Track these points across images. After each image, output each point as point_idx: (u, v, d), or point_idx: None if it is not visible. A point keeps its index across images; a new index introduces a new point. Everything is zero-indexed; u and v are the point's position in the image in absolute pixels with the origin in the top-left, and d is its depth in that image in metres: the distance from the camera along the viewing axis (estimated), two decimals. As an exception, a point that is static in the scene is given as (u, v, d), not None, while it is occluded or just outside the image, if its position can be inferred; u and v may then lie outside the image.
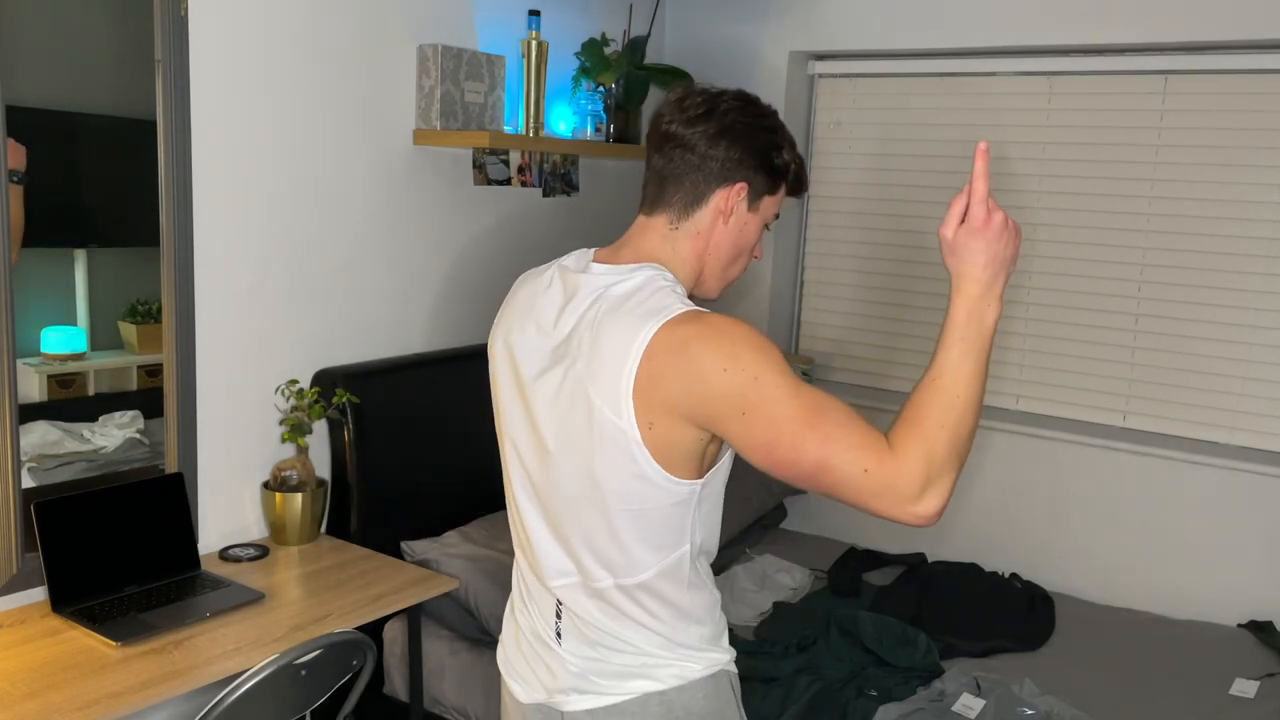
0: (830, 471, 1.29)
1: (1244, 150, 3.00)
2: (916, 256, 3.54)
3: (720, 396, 1.31)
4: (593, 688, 1.49)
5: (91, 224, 2.30)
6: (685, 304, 1.39)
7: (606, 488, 1.39)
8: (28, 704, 1.80)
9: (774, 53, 3.58)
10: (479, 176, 3.12)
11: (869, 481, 1.27)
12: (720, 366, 1.31)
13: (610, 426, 1.35)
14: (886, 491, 1.27)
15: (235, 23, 2.44)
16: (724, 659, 1.53)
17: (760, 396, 1.30)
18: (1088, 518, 3.23)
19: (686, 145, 1.44)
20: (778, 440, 1.30)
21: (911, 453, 1.28)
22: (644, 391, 1.33)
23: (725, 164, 1.44)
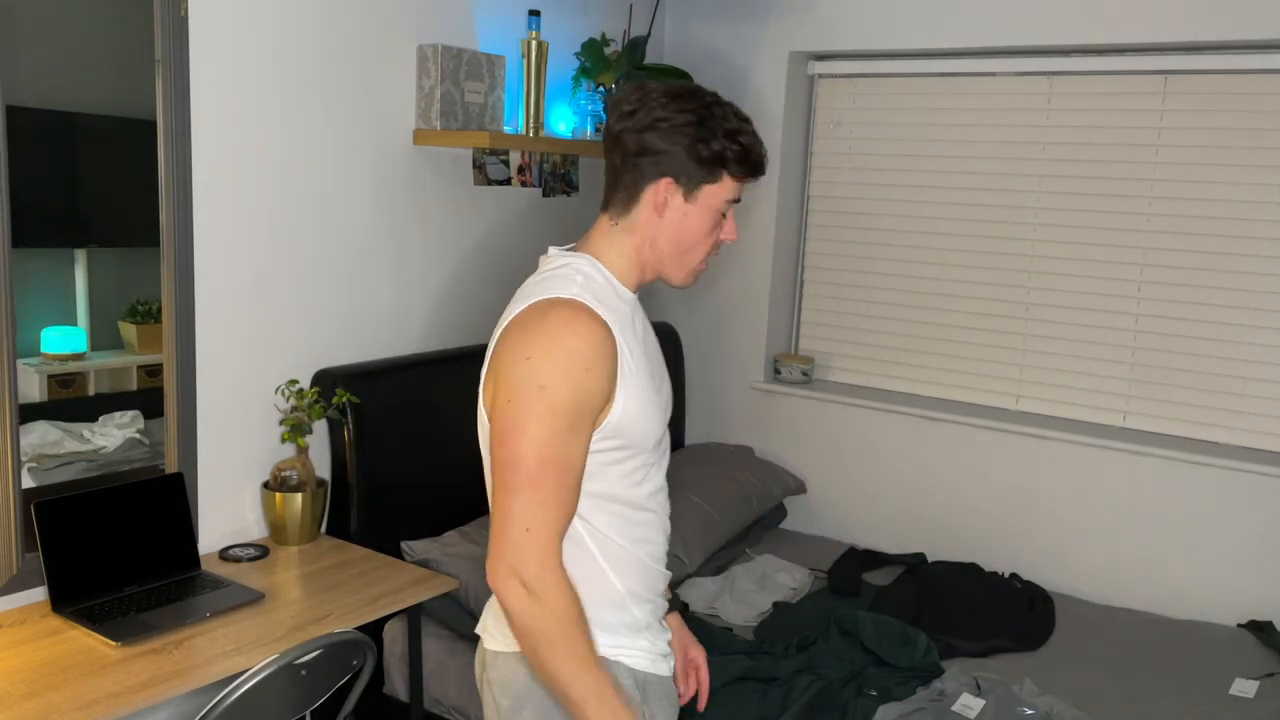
0: (510, 485, 1.39)
1: (1244, 150, 3.00)
2: (916, 256, 3.54)
3: (511, 377, 1.41)
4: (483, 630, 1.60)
5: (91, 224, 2.30)
6: (567, 293, 1.44)
7: (484, 454, 1.52)
8: (28, 704, 1.80)
9: (774, 53, 3.58)
10: (479, 176, 3.12)
11: (514, 533, 1.38)
12: (525, 354, 1.40)
13: (481, 399, 1.50)
14: (506, 549, 1.38)
15: (235, 23, 2.44)
16: (622, 650, 1.55)
17: (532, 403, 1.38)
18: (1088, 518, 3.24)
19: (621, 144, 1.49)
20: (503, 438, 1.40)
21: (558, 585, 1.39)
22: (492, 363, 1.47)
23: (652, 161, 1.47)
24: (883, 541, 3.54)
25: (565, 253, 1.53)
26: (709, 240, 1.53)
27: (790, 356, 3.73)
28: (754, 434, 3.80)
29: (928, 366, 3.57)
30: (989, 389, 3.47)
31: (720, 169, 1.48)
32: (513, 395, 1.39)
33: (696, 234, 1.51)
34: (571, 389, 1.38)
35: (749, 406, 3.80)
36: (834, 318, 3.76)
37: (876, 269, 3.64)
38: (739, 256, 3.74)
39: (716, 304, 3.82)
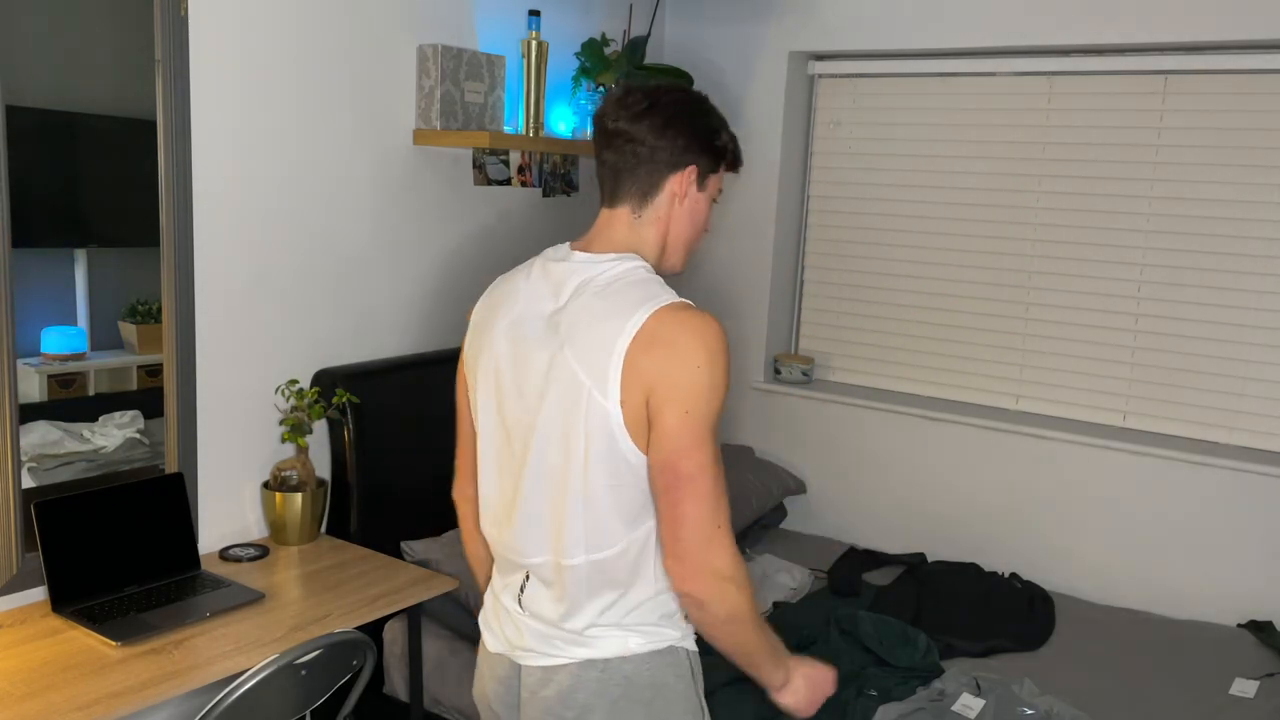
0: (695, 495, 1.45)
1: (1244, 150, 2.99)
2: (916, 256, 3.54)
3: (684, 387, 1.44)
4: (547, 649, 1.59)
5: (91, 224, 2.30)
6: (671, 294, 1.50)
7: (591, 463, 1.49)
8: (28, 704, 1.80)
9: (774, 53, 3.58)
10: (479, 176, 3.12)
11: (708, 533, 1.46)
12: (696, 364, 1.44)
13: (596, 405, 1.46)
14: (705, 552, 1.46)
15: (235, 23, 2.44)
16: (675, 635, 1.60)
17: (708, 412, 1.45)
18: (1088, 518, 3.24)
19: (635, 139, 1.54)
20: (680, 443, 1.44)
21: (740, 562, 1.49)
22: (628, 371, 1.44)
23: (674, 151, 1.55)
24: (883, 541, 3.54)
25: (612, 256, 1.55)
26: (703, 226, 1.64)
27: (790, 356, 3.73)
28: (754, 434, 3.80)
29: (928, 366, 3.57)
30: (989, 389, 3.47)
31: (722, 161, 1.61)
32: (690, 406, 1.44)
33: (701, 220, 1.62)
34: (725, 391, 1.48)
35: (749, 406, 3.80)
36: (834, 318, 3.76)
37: (876, 269, 3.64)
38: (739, 256, 3.74)
39: (716, 304, 3.82)
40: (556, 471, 1.53)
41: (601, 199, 1.60)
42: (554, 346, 1.50)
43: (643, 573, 1.56)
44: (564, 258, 1.57)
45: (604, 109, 1.56)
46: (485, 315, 1.64)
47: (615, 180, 1.57)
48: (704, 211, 1.62)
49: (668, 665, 1.60)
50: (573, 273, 1.54)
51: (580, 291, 1.51)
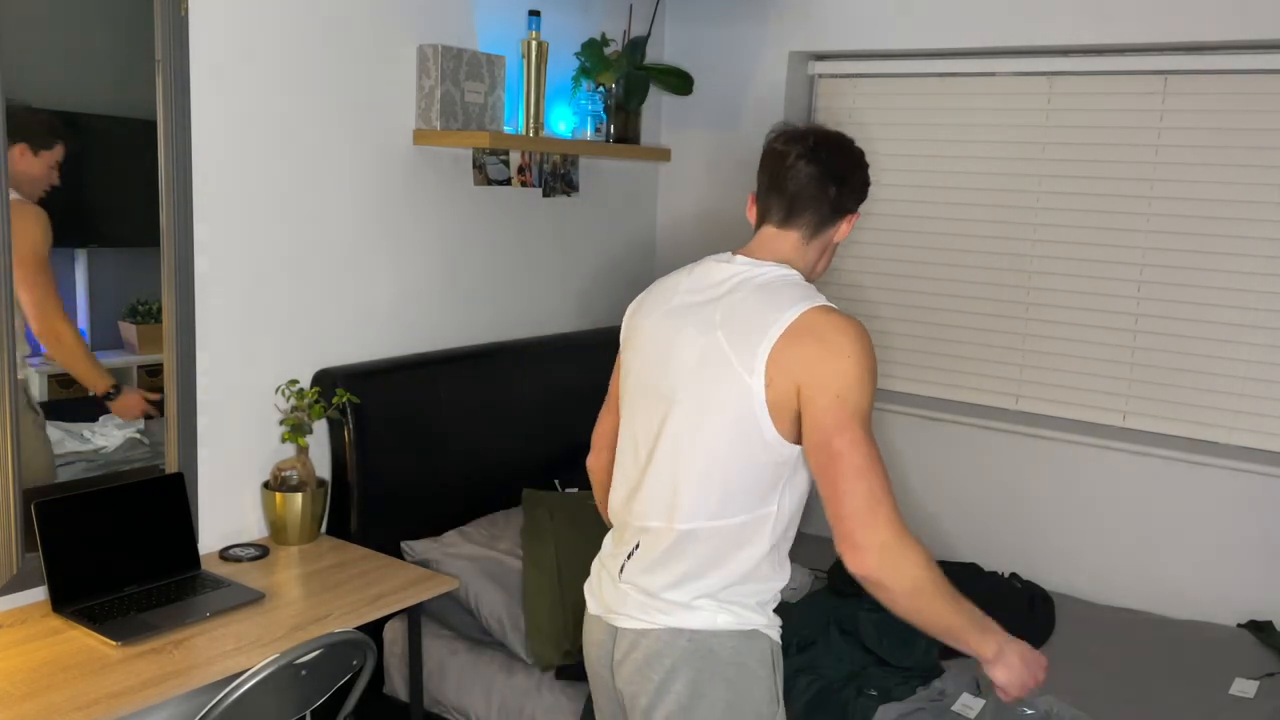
0: (849, 473, 1.60)
1: (1244, 150, 2.99)
2: (916, 256, 3.54)
3: (834, 374, 1.59)
4: (640, 614, 1.72)
5: (91, 224, 2.30)
6: (824, 299, 1.68)
7: (725, 435, 1.64)
8: (28, 704, 1.80)
9: (774, 53, 3.58)
10: (479, 176, 3.12)
11: (869, 507, 1.59)
12: (845, 354, 1.60)
13: (741, 383, 1.62)
14: (863, 528, 1.59)
15: (235, 23, 2.44)
16: (761, 621, 1.73)
17: (860, 397, 1.61)
18: (1088, 518, 3.24)
19: (820, 179, 1.76)
20: (831, 421, 1.59)
21: (908, 537, 1.61)
22: (777, 357, 1.60)
23: (851, 198, 1.81)
24: (883, 541, 3.54)
25: (768, 261, 1.75)
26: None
27: (790, 356, 3.73)
28: (754, 434, 3.79)
29: (928, 366, 3.57)
30: (989, 389, 3.47)
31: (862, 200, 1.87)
32: (840, 391, 1.60)
33: (837, 251, 1.90)
34: (874, 386, 1.65)
35: (749, 406, 3.80)
36: (834, 318, 3.75)
37: (876, 269, 3.64)
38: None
39: (716, 304, 3.82)
40: (690, 441, 1.67)
41: (766, 217, 1.79)
42: (709, 331, 1.67)
43: (749, 554, 1.69)
44: (728, 260, 1.76)
45: (788, 142, 1.80)
46: (643, 304, 1.84)
47: (792, 207, 1.76)
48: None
49: (751, 648, 1.71)
50: (736, 272, 1.73)
51: (740, 287, 1.70)
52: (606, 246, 3.69)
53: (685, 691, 1.69)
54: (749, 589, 1.71)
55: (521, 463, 3.16)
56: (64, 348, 2.22)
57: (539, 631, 2.52)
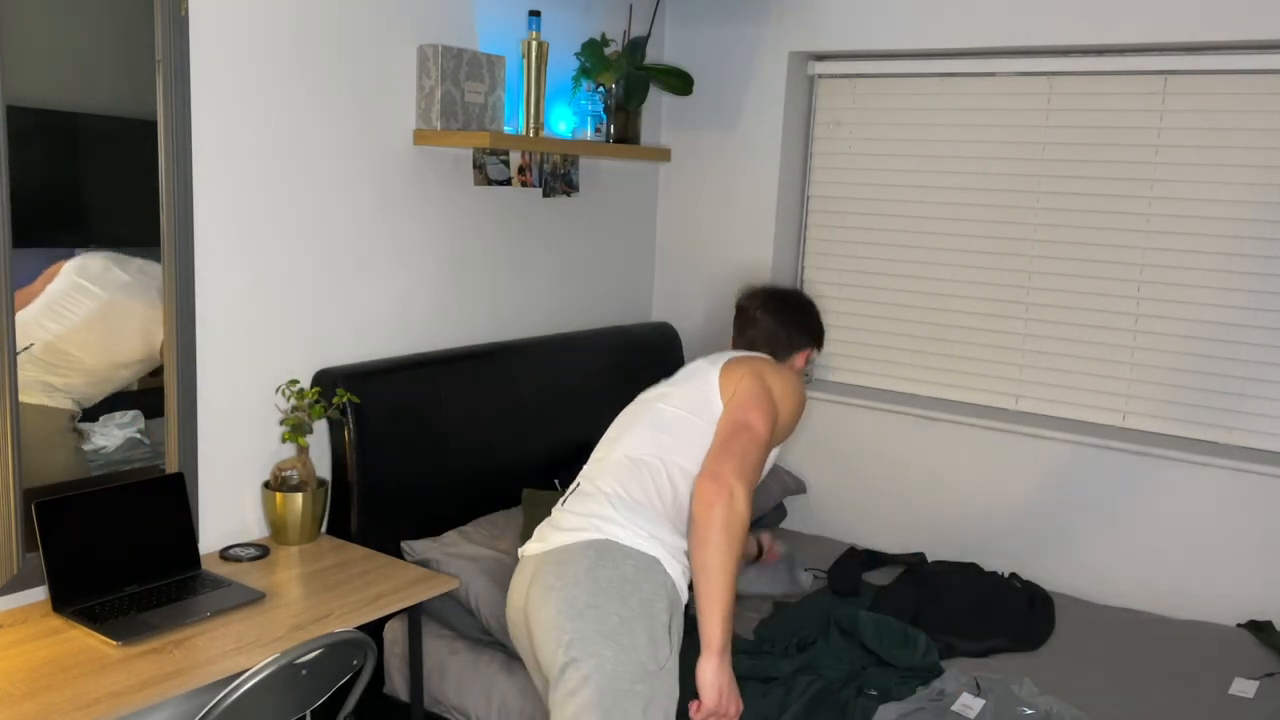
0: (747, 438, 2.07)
1: (1244, 150, 3.00)
2: (916, 256, 3.54)
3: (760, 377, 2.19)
4: (566, 528, 2.09)
5: (91, 224, 2.30)
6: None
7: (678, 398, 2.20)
8: (28, 704, 1.80)
9: (774, 53, 3.58)
10: (479, 176, 3.12)
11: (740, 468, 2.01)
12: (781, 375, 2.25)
13: (704, 375, 2.23)
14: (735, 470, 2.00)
15: (235, 23, 2.44)
16: (668, 561, 2.03)
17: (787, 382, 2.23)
18: (1088, 518, 3.24)
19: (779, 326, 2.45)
20: (761, 398, 2.13)
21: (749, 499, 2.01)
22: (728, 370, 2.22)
23: (809, 338, 2.49)
24: (883, 541, 3.54)
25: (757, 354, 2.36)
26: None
27: (790, 356, 3.73)
28: (754, 434, 3.79)
29: (928, 366, 3.57)
30: (989, 389, 3.47)
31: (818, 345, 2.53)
32: (781, 375, 2.22)
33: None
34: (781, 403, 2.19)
35: (749, 406, 3.80)
36: (834, 318, 3.76)
37: (876, 269, 3.64)
38: (739, 257, 3.74)
39: (717, 304, 3.82)
40: (649, 406, 2.21)
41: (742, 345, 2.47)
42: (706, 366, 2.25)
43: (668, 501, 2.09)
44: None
45: (750, 303, 2.48)
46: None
47: (768, 341, 2.44)
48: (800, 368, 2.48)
49: (649, 573, 2.00)
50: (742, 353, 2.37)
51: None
52: (606, 246, 3.69)
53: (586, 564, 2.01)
54: (657, 528, 2.06)
55: (521, 463, 3.17)
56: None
57: (539, 631, 2.52)
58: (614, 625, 1.91)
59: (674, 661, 1.97)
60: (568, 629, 1.91)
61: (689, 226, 3.85)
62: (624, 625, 1.92)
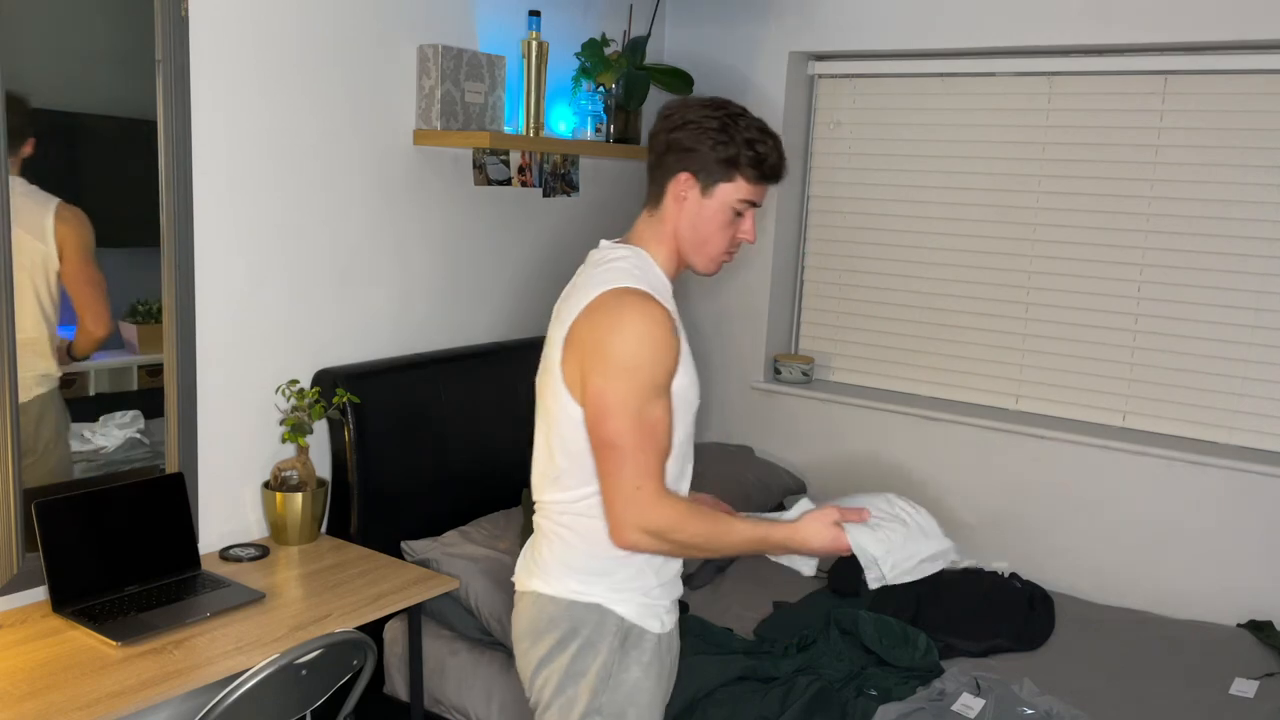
0: (614, 458, 1.62)
1: (1244, 150, 3.00)
2: (916, 256, 3.54)
3: (606, 355, 1.61)
4: (521, 574, 1.83)
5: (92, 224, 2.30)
6: (633, 280, 1.67)
7: (553, 416, 1.71)
8: (28, 704, 1.80)
9: (774, 53, 3.58)
10: (479, 176, 3.12)
11: (628, 494, 1.62)
12: (613, 340, 1.61)
13: (555, 364, 1.69)
14: (626, 510, 1.62)
15: (235, 23, 2.44)
16: (608, 597, 1.72)
17: (624, 383, 1.60)
18: (1088, 518, 3.24)
19: (654, 143, 1.74)
20: (607, 414, 1.61)
21: (672, 517, 1.62)
22: (572, 337, 1.66)
23: (676, 158, 1.71)
24: (883, 541, 3.53)
25: (615, 245, 1.77)
26: (724, 234, 1.74)
27: (790, 356, 3.73)
28: (754, 434, 3.80)
29: (928, 366, 3.57)
30: (989, 389, 3.47)
31: (734, 170, 1.69)
32: (610, 376, 1.61)
33: (711, 226, 1.73)
34: (657, 366, 1.63)
35: (749, 406, 3.80)
36: (834, 318, 3.76)
37: (876, 269, 3.64)
38: (739, 257, 3.74)
39: (716, 304, 3.82)
40: (542, 424, 1.76)
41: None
42: (557, 318, 1.74)
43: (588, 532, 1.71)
44: (598, 247, 1.79)
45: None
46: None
47: (648, 181, 1.78)
48: (712, 219, 1.73)
49: (590, 617, 1.72)
50: (593, 260, 1.76)
51: (582, 271, 1.76)
52: (606, 246, 3.69)
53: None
54: (587, 560, 1.73)
55: (521, 463, 3.13)
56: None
57: (539, 631, 2.52)
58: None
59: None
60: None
61: (689, 226, 3.85)
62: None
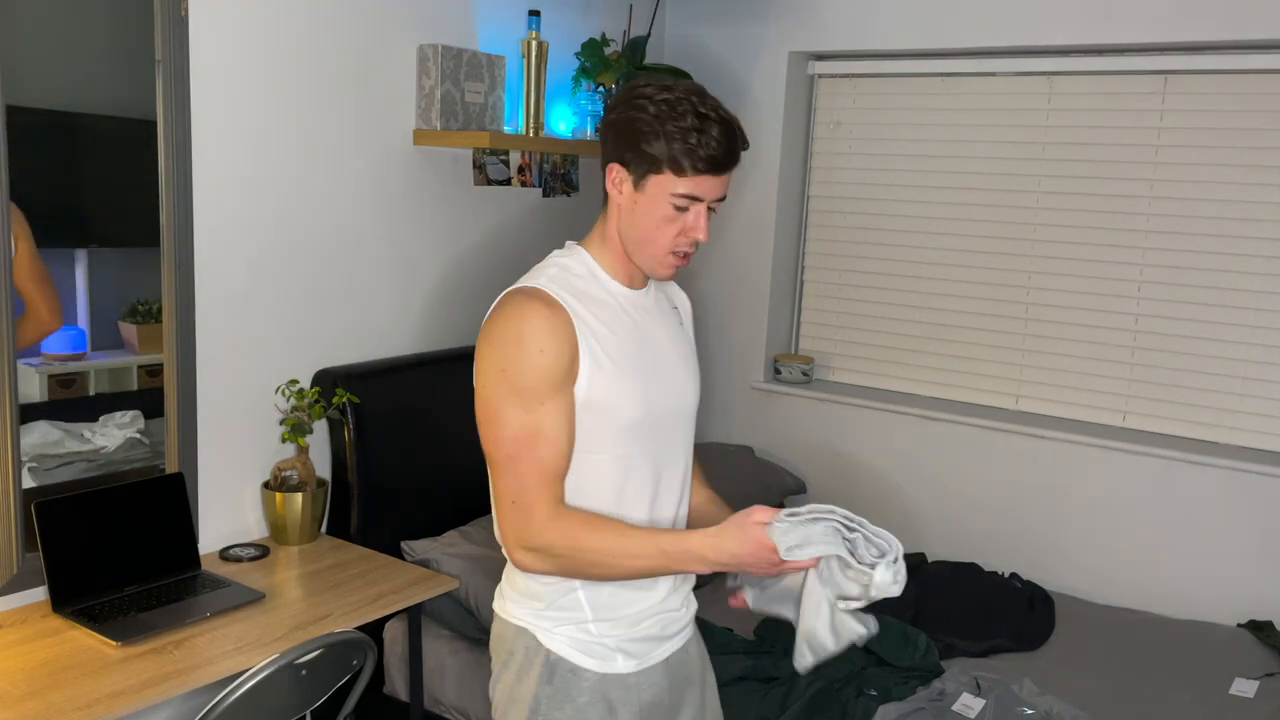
0: (493, 471, 1.54)
1: (1244, 150, 2.99)
2: (916, 256, 3.54)
3: (481, 366, 1.54)
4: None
5: (91, 224, 2.30)
6: (534, 283, 1.58)
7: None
8: (28, 704, 1.80)
9: (774, 53, 3.58)
10: (479, 176, 3.12)
11: (504, 508, 1.53)
12: (491, 343, 1.54)
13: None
14: (505, 527, 1.54)
15: (235, 23, 2.44)
16: (535, 624, 1.61)
17: (497, 387, 1.51)
18: (1088, 518, 3.24)
19: (599, 133, 1.60)
20: (484, 424, 1.54)
21: (559, 535, 1.50)
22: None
23: (611, 146, 1.56)
24: (883, 541, 3.53)
25: (567, 247, 1.66)
26: (664, 233, 1.55)
27: (790, 356, 3.73)
28: (754, 434, 3.79)
29: (928, 366, 3.57)
30: (989, 389, 3.47)
31: (661, 163, 1.51)
32: (483, 383, 1.53)
33: (648, 223, 1.55)
34: (530, 369, 1.49)
35: (749, 406, 3.80)
36: (834, 318, 3.76)
37: (876, 269, 3.64)
38: (739, 256, 3.74)
39: (716, 304, 3.82)
40: None
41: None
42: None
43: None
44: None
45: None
46: None
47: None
48: (648, 214, 1.54)
49: (520, 642, 1.62)
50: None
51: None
52: (606, 246, 3.69)
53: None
54: (521, 583, 1.63)
55: (521, 463, 3.16)
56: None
57: (539, 631, 2.51)
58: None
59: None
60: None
61: (689, 226, 3.85)
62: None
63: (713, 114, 1.50)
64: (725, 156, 1.51)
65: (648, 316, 1.66)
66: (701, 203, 1.53)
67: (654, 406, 1.62)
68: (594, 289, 1.60)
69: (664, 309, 1.72)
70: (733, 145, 1.52)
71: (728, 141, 1.51)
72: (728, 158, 1.52)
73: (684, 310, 1.82)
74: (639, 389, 1.59)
